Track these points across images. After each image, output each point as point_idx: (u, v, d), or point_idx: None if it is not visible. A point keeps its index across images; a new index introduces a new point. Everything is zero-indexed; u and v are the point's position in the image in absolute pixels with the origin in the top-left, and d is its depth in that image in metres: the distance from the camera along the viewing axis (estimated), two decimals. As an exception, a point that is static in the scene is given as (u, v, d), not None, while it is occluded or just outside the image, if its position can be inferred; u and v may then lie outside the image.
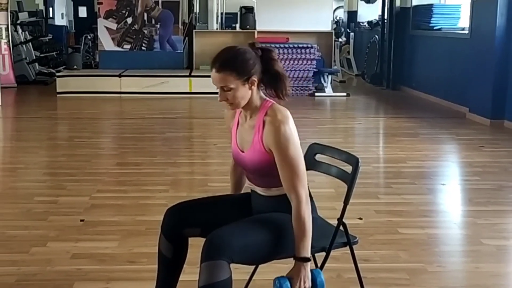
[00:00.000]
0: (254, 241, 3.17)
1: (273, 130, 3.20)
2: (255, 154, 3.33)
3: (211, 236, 3.10)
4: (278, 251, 3.24)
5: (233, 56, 3.30)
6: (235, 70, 3.24)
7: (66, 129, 11.09)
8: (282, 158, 3.19)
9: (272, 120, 3.22)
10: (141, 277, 4.37)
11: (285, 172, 3.20)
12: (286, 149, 3.18)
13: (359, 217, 5.71)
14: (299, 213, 3.15)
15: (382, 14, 16.95)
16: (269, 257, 3.31)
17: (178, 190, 6.77)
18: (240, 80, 3.25)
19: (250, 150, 3.36)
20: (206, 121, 11.53)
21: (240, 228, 3.20)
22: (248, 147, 3.37)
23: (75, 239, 5.18)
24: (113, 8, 16.18)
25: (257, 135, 3.31)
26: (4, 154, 9.00)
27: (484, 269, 4.68)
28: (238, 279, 3.28)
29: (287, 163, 3.19)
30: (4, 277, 4.41)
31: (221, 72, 3.25)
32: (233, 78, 3.24)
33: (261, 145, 3.28)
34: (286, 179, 3.20)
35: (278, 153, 3.20)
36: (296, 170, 3.19)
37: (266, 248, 3.21)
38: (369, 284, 3.98)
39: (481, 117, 11.27)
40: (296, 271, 3.15)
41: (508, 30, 10.75)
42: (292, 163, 3.18)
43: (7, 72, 15.78)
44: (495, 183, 7.14)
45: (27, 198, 6.41)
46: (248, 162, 3.40)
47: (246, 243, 3.14)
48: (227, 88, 3.25)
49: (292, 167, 3.18)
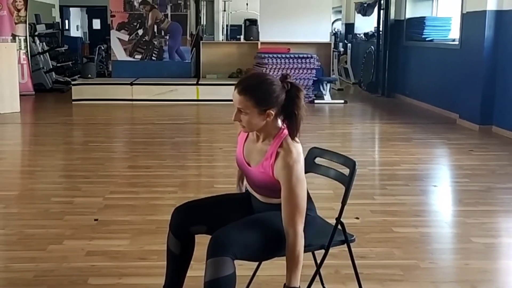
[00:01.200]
0: (256, 239, 3.18)
1: (287, 168, 3.18)
2: (262, 175, 3.33)
3: (216, 234, 3.11)
4: (279, 248, 3.23)
5: (258, 84, 3.26)
6: (255, 99, 3.20)
7: (81, 134, 11.09)
8: (288, 195, 3.18)
9: (286, 156, 3.20)
10: (151, 273, 4.37)
11: (288, 208, 3.19)
12: (295, 188, 3.17)
13: (356, 217, 5.71)
14: (294, 248, 3.15)
15: (378, 26, 16.95)
16: (271, 254, 3.31)
17: (186, 191, 6.76)
18: (257, 109, 3.22)
19: (258, 169, 3.35)
20: (212, 126, 11.54)
21: (243, 227, 3.21)
22: (256, 165, 3.37)
23: (89, 237, 5.19)
24: (125, 20, 16.21)
25: (268, 161, 3.29)
26: (23, 158, 9.01)
27: (473, 266, 4.67)
28: (242, 275, 3.29)
29: (292, 201, 3.17)
30: (23, 273, 4.42)
31: (242, 95, 3.22)
32: (250, 105, 3.21)
33: (270, 172, 3.27)
34: (287, 214, 3.19)
35: (286, 191, 3.19)
36: (299, 208, 3.18)
37: (268, 245, 3.22)
38: (365, 279, 3.97)
39: (471, 122, 11.27)
40: None
41: (495, 41, 10.76)
42: (297, 202, 3.17)
43: (25, 80, 15.79)
44: (483, 185, 7.13)
45: (45, 199, 6.41)
46: (254, 177, 3.40)
47: (249, 241, 3.15)
48: (243, 111, 3.23)
49: (296, 205, 3.17)
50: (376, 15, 17.17)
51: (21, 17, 15.89)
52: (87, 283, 4.26)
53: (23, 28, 15.96)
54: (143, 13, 16.18)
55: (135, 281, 4.29)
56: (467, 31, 11.69)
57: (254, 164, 3.39)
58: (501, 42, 10.69)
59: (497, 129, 10.70)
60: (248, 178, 3.49)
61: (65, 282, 4.26)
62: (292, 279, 3.14)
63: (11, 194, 6.68)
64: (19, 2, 15.82)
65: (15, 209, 6.09)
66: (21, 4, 15.84)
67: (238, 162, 3.57)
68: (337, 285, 4.18)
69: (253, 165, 3.39)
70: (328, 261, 3.49)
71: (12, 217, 5.83)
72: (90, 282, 4.27)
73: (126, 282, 4.27)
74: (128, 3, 16.20)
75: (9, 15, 15.68)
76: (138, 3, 16.18)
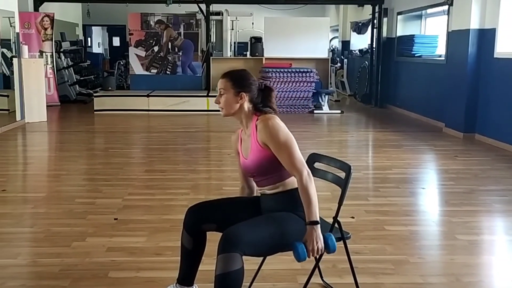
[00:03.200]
0: (262, 237, 3.19)
1: (263, 126, 3.31)
2: (255, 154, 3.38)
3: (226, 232, 3.12)
4: (282, 245, 3.24)
5: (238, 72, 3.54)
6: (233, 80, 3.47)
7: (102, 141, 11.10)
8: (276, 145, 3.27)
9: (261, 120, 3.36)
10: (166, 267, 4.37)
11: (282, 156, 3.27)
12: (277, 137, 3.26)
13: (351, 216, 5.71)
14: (302, 185, 3.21)
15: (371, 43, 16.95)
16: (275, 250, 3.32)
17: (197, 193, 6.77)
18: (233, 90, 3.44)
19: (251, 153, 3.42)
20: (221, 134, 11.54)
21: (251, 226, 3.22)
22: (249, 151, 3.44)
23: (110, 235, 5.19)
24: (142, 38, 16.26)
25: (253, 138, 3.39)
26: (49, 163, 9.02)
27: (458, 261, 4.67)
28: (249, 269, 3.29)
29: (282, 148, 3.26)
30: (50, 267, 4.43)
31: (224, 78, 3.49)
32: (229, 86, 3.45)
33: (258, 144, 3.35)
34: (285, 162, 3.27)
35: (272, 143, 3.28)
36: (291, 151, 3.25)
37: (272, 242, 3.23)
38: (360, 273, 3.97)
39: (455, 131, 11.27)
40: (309, 234, 3.19)
41: (478, 57, 10.77)
42: (286, 146, 3.26)
43: (52, 92, 15.83)
44: (467, 187, 7.12)
45: (69, 200, 6.42)
46: (252, 164, 3.43)
47: (256, 239, 3.16)
48: (222, 91, 3.47)
49: (287, 149, 3.25)
50: (370, 33, 17.17)
51: (48, 35, 15.93)
52: (107, 276, 4.26)
53: (49, 45, 16.00)
54: (159, 31, 16.24)
55: (151, 274, 4.29)
56: (452, 47, 11.68)
57: (248, 153, 3.47)
58: (483, 57, 10.70)
59: (479, 137, 10.70)
60: (251, 172, 3.52)
61: (88, 276, 4.26)
62: (309, 214, 3.20)
63: (39, 196, 6.70)
64: (46, 22, 15.86)
65: (42, 209, 6.10)
66: (47, 23, 15.88)
67: (242, 165, 3.61)
68: (334, 278, 4.17)
69: (248, 154, 3.47)
70: (326, 256, 3.49)
71: (40, 217, 5.84)
72: (111, 276, 4.27)
73: (143, 276, 4.27)
74: (145, 22, 16.26)
75: (37, 34, 15.73)
76: (154, 23, 16.26)
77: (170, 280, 3.83)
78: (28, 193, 7.07)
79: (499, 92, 10.20)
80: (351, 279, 3.66)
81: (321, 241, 3.20)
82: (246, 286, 3.86)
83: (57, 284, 4.11)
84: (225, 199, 3.76)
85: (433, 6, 13.47)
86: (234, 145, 3.71)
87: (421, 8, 14.36)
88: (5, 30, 12.37)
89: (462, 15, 11.07)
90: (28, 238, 5.27)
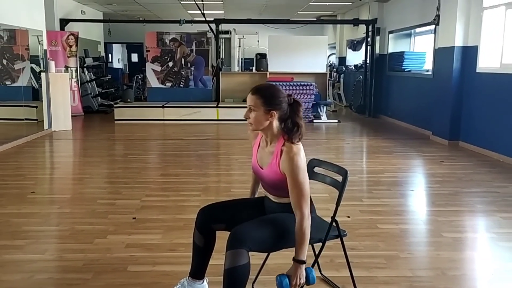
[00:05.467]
0: (267, 235, 3.18)
1: (289, 160, 3.19)
2: (272, 173, 3.34)
3: (234, 230, 3.12)
4: (285, 242, 3.25)
5: (268, 88, 3.34)
6: (263, 98, 3.27)
7: (121, 148, 11.11)
8: (293, 182, 3.19)
9: (288, 151, 3.21)
10: (180, 262, 4.37)
11: (294, 193, 3.19)
12: (297, 176, 3.17)
13: (347, 216, 5.71)
14: (301, 226, 3.15)
15: (365, 59, 16.94)
16: (278, 247, 3.31)
17: (208, 195, 6.77)
18: (264, 107, 3.27)
19: (268, 169, 3.36)
20: (230, 141, 11.54)
21: (256, 225, 3.21)
22: (267, 166, 3.38)
23: (129, 233, 5.20)
24: (158, 54, 16.28)
25: (275, 160, 3.30)
26: (74, 167, 9.03)
27: (444, 256, 4.66)
28: (254, 263, 3.29)
29: (296, 186, 3.18)
30: (74, 261, 4.44)
31: (254, 94, 3.30)
32: (259, 103, 3.27)
33: (278, 168, 3.28)
34: (294, 198, 3.20)
35: (290, 178, 3.20)
36: (303, 192, 3.18)
37: (276, 240, 3.22)
38: (355, 267, 3.97)
39: (441, 138, 11.27)
40: (294, 270, 3.15)
41: (462, 72, 10.76)
42: (300, 187, 3.18)
43: (76, 104, 15.87)
44: (452, 189, 7.12)
45: (92, 201, 6.43)
46: (266, 177, 3.41)
47: (261, 236, 3.15)
48: (252, 108, 3.29)
49: (300, 190, 3.18)
50: (364, 50, 17.17)
51: (73, 52, 15.98)
52: (126, 270, 4.26)
53: (74, 61, 16.05)
54: (173, 48, 16.26)
55: (166, 268, 4.29)
56: (439, 63, 11.68)
57: (265, 166, 3.40)
58: (466, 72, 10.69)
59: (463, 144, 10.70)
60: (262, 180, 3.49)
61: (109, 269, 4.27)
62: (299, 253, 3.15)
63: (64, 197, 6.72)
64: (71, 40, 15.91)
65: (67, 209, 6.11)
66: (72, 41, 15.93)
67: (253, 168, 3.58)
68: (332, 272, 4.17)
69: (265, 167, 3.40)
70: (324, 252, 3.51)
71: (65, 216, 5.85)
72: (129, 269, 4.27)
73: (159, 269, 4.27)
74: (160, 40, 16.29)
75: (63, 50, 15.78)
76: (168, 40, 16.28)
77: (183, 274, 3.83)
78: (55, 194, 7.09)
79: (480, 103, 10.20)
80: (347, 273, 3.65)
81: (303, 277, 3.17)
82: (252, 279, 3.87)
83: (80, 277, 4.12)
84: (233, 201, 3.75)
85: (421, 26, 13.48)
86: (251, 139, 3.63)
87: (410, 28, 14.36)
88: (34, 47, 12.39)
89: (447, 34, 11.08)
90: (54, 235, 5.28)
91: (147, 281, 4.04)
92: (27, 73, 12.22)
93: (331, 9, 19.90)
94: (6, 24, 10.98)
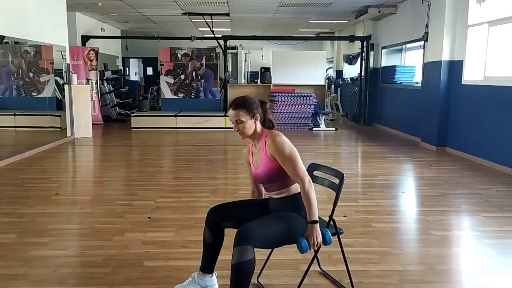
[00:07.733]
0: (271, 232, 3.19)
1: (271, 142, 3.32)
2: (265, 165, 3.39)
3: (241, 228, 3.12)
4: (287, 239, 3.24)
5: (243, 100, 3.49)
6: (245, 108, 3.43)
7: (138, 153, 11.11)
8: (282, 158, 3.28)
9: (270, 137, 3.37)
10: (191, 257, 4.38)
11: (288, 166, 3.28)
12: (283, 151, 3.28)
13: (344, 215, 5.72)
14: (304, 191, 3.22)
15: (360, 72, 16.93)
16: (281, 243, 3.31)
17: (217, 196, 6.77)
18: (248, 115, 3.42)
19: (262, 165, 3.43)
20: (236, 147, 11.55)
21: (261, 223, 3.22)
22: (260, 163, 3.45)
23: (144, 231, 5.21)
24: (171, 68, 16.33)
25: (263, 152, 3.41)
26: (94, 171, 9.04)
27: (432, 252, 4.66)
28: (259, 258, 3.29)
29: (287, 160, 3.27)
30: (95, 257, 4.44)
31: (236, 110, 3.44)
32: (244, 113, 3.42)
33: (267, 157, 3.36)
34: (290, 171, 3.28)
35: (279, 155, 3.29)
36: (294, 163, 3.27)
37: (279, 237, 3.22)
38: (351, 262, 3.98)
39: (430, 144, 11.27)
40: (310, 231, 3.19)
41: (448, 84, 10.77)
42: (291, 159, 3.27)
43: (96, 113, 15.93)
44: (439, 191, 7.11)
45: (111, 202, 6.45)
46: (262, 173, 3.44)
47: (266, 234, 3.16)
48: (239, 121, 3.43)
49: (291, 161, 3.27)
50: (359, 64, 17.18)
51: (93, 65, 16.04)
52: (142, 265, 4.27)
53: (94, 74, 16.11)
54: (185, 62, 16.31)
55: (178, 263, 4.29)
56: (427, 76, 11.68)
57: (259, 164, 3.47)
58: (452, 84, 10.69)
59: (450, 150, 10.70)
60: (261, 181, 3.53)
61: (126, 264, 4.27)
62: (310, 215, 3.20)
63: (85, 198, 6.73)
64: (91, 54, 15.97)
65: (88, 209, 6.12)
66: (93, 56, 15.98)
67: (252, 174, 3.62)
68: (330, 266, 4.17)
69: (259, 166, 3.48)
70: (323, 248, 3.51)
71: (86, 216, 5.85)
72: (145, 264, 4.28)
73: (172, 264, 4.27)
74: (173, 55, 16.34)
75: (84, 64, 15.84)
76: (181, 55, 16.32)
77: (194, 268, 3.83)
78: (77, 196, 7.09)
79: (465, 112, 10.19)
80: (344, 267, 3.65)
81: (320, 236, 3.20)
82: (257, 273, 3.86)
83: (100, 271, 4.13)
84: (240, 201, 3.76)
85: (412, 42, 13.48)
86: (246, 157, 3.72)
87: (402, 43, 14.36)
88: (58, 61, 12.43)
89: (435, 49, 11.08)
90: (76, 233, 5.28)
91: (161, 275, 4.05)
92: (52, 85, 12.25)
93: (329, 26, 19.92)
94: (32, 40, 11.03)
